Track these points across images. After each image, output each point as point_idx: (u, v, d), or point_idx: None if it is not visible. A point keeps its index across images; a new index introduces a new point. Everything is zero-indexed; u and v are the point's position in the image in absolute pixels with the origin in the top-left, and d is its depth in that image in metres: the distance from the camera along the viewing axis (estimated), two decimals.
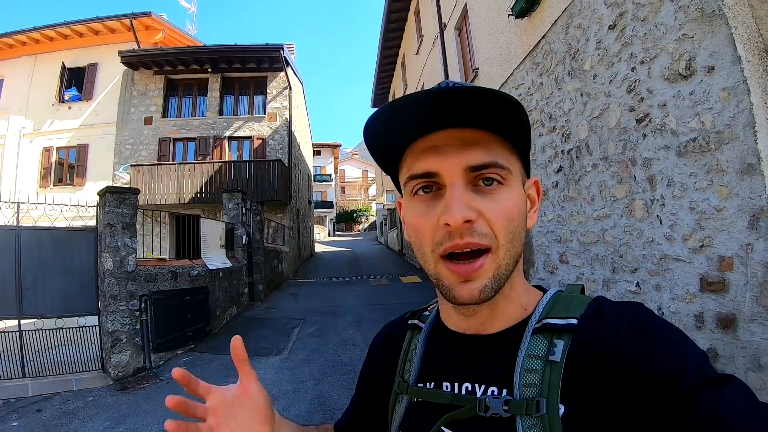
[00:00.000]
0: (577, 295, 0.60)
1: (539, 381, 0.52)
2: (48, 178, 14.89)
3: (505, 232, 0.54)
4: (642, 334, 0.50)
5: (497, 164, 0.54)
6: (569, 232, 5.32)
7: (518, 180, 0.58)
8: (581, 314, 0.55)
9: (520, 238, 0.56)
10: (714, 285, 3.03)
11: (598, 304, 0.57)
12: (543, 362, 0.53)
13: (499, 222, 0.53)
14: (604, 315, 0.54)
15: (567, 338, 0.54)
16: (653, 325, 0.51)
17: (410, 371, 0.66)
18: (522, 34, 6.34)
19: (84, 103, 15.19)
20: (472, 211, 0.52)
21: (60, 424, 4.50)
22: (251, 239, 10.78)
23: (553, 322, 0.56)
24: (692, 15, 3.09)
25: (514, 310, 0.60)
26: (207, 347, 7.03)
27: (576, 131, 5.02)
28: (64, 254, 6.00)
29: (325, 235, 39.77)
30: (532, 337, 0.56)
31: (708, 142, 3.05)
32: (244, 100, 15.94)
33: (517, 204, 0.56)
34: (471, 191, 0.54)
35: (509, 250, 0.55)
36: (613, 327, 0.52)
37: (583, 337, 0.53)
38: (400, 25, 15.77)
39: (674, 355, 0.47)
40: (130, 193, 6.30)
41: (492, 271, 0.54)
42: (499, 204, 0.54)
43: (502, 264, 0.54)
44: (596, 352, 0.51)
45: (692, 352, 0.48)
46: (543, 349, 0.54)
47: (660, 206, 3.62)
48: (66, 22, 14.86)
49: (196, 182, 13.72)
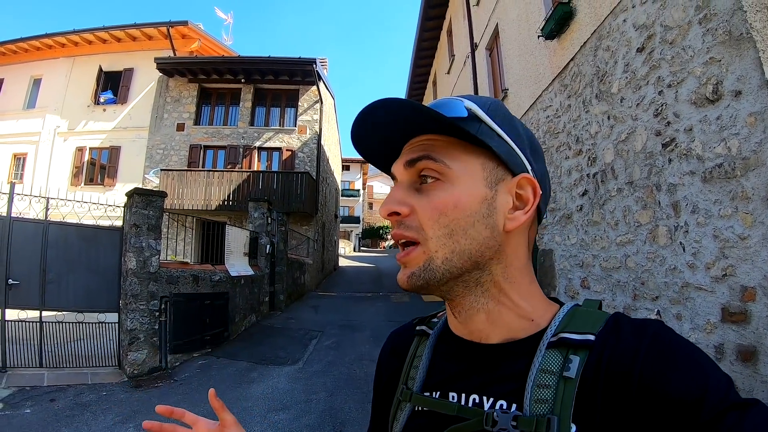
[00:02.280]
0: (595, 311, 0.57)
1: (552, 397, 0.50)
2: (79, 176, 15.33)
3: (435, 225, 0.55)
4: (663, 354, 0.48)
5: (428, 157, 0.56)
6: (592, 257, 5.22)
7: (469, 176, 0.56)
8: (599, 330, 0.53)
9: (468, 234, 0.55)
10: (735, 316, 2.92)
11: (616, 320, 0.54)
12: (557, 378, 0.51)
13: (427, 215, 0.55)
14: (623, 332, 0.52)
15: (583, 354, 0.52)
16: (675, 345, 0.49)
17: (414, 378, 0.65)
18: (551, 56, 6.32)
19: (118, 107, 15.67)
20: (402, 206, 0.56)
21: (72, 415, 4.57)
22: (275, 249, 10.87)
23: (569, 337, 0.53)
24: (720, 38, 3.04)
25: (513, 320, 0.58)
26: (224, 352, 7.08)
27: (602, 155, 4.95)
28: (88, 251, 6.17)
29: (350, 249, 39.89)
30: (547, 352, 0.54)
31: (733, 168, 2.97)
32: (276, 112, 16.20)
33: (456, 199, 0.55)
34: (413, 189, 0.58)
35: (446, 244, 0.55)
36: (633, 345, 0.50)
37: (601, 354, 0.51)
38: (432, 44, 15.89)
39: (697, 378, 0.45)
40: (157, 196, 6.45)
41: (423, 261, 0.55)
42: (430, 199, 0.55)
43: (436, 257, 0.55)
44: (614, 370, 0.49)
45: (716, 374, 0.46)
46: (558, 364, 0.52)
47: (683, 233, 3.54)
48: (105, 27, 15.40)
49: (224, 190, 13.94)
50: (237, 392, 5.34)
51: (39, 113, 15.92)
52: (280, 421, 4.55)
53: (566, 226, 5.97)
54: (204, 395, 5.21)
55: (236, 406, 4.89)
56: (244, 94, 15.85)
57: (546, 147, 6.66)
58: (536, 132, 7.00)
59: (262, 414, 4.72)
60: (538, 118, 6.95)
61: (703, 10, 3.20)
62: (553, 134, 6.40)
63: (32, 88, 16.54)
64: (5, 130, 16.00)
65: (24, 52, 16.48)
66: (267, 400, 5.10)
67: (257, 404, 4.98)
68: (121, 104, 15.68)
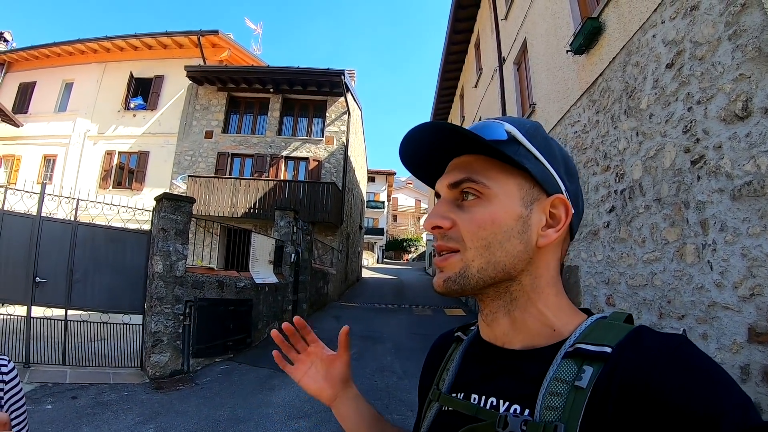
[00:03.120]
0: (620, 323, 0.58)
1: (562, 405, 0.51)
2: (108, 180, 15.73)
3: (474, 237, 0.60)
4: (682, 368, 0.48)
5: (469, 179, 0.61)
6: (618, 274, 5.14)
7: (507, 196, 0.61)
8: (618, 342, 0.54)
9: (503, 247, 0.60)
10: (762, 336, 2.85)
11: (638, 333, 0.55)
12: (569, 387, 0.52)
13: (467, 228, 0.60)
14: (644, 344, 0.52)
15: (598, 366, 0.52)
16: (696, 360, 0.49)
17: (446, 380, 0.69)
18: (580, 71, 6.29)
19: (148, 113, 16.08)
20: (445, 220, 0.62)
21: (93, 413, 4.65)
22: (299, 258, 10.96)
23: (585, 348, 0.54)
24: (750, 54, 3.01)
25: (537, 327, 0.61)
26: (245, 358, 7.15)
27: (630, 171, 4.90)
28: (115, 253, 6.33)
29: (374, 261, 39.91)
30: (563, 361, 0.55)
31: (763, 186, 2.92)
32: (303, 122, 16.41)
33: (493, 215, 0.60)
34: (455, 205, 0.63)
35: (482, 254, 0.59)
36: (653, 357, 0.50)
37: (616, 366, 0.51)
38: (459, 57, 15.92)
39: (717, 395, 0.44)
40: (186, 202, 6.59)
41: (459, 267, 0.60)
42: (471, 214, 0.61)
43: (472, 265, 0.60)
44: (629, 382, 0.49)
45: (736, 394, 0.45)
46: (571, 373, 0.53)
47: (711, 251, 3.47)
48: (136, 34, 15.81)
49: (251, 198, 14.10)
50: (258, 399, 5.39)
51: (70, 116, 16.42)
52: (301, 429, 4.58)
53: (592, 243, 5.90)
54: (226, 400, 5.28)
55: (257, 413, 4.94)
56: (272, 103, 16.10)
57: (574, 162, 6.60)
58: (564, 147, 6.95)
59: (283, 421, 4.76)
60: (566, 134, 6.91)
61: (733, 26, 3.17)
62: (580, 150, 6.35)
63: (64, 92, 17.07)
64: (37, 131, 16.53)
65: (57, 57, 17.01)
66: (287, 408, 5.14)
67: (278, 411, 5.02)
68: (151, 110, 16.09)
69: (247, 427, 4.54)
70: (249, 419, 4.75)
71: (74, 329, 6.05)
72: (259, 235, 9.19)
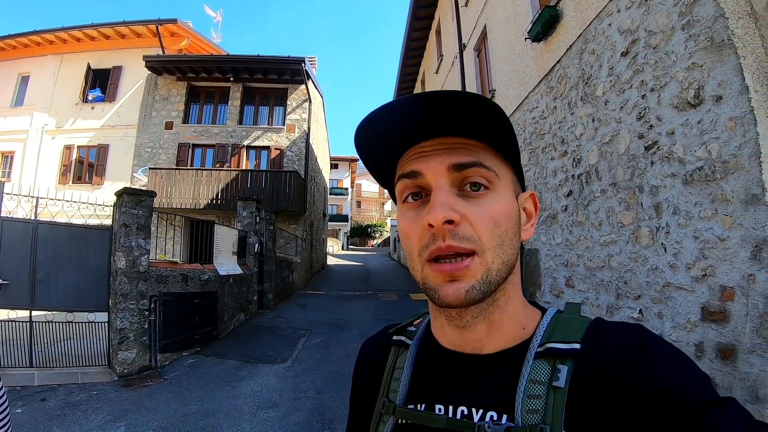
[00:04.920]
0: (577, 317, 0.59)
1: (542, 407, 0.51)
2: (67, 175, 15.19)
3: (491, 236, 0.53)
4: (644, 354, 0.50)
5: (481, 164, 0.54)
6: (576, 257, 5.30)
7: (507, 187, 0.57)
8: (582, 338, 0.54)
9: (511, 245, 0.55)
10: (715, 315, 3.00)
11: (597, 326, 0.56)
12: (546, 388, 0.52)
13: (484, 225, 0.53)
14: (605, 338, 0.53)
15: (570, 363, 0.53)
16: (655, 345, 0.51)
17: (396, 391, 0.63)
18: (538, 58, 6.39)
19: (107, 104, 15.54)
20: (455, 213, 0.52)
21: (63, 415, 4.55)
22: (263, 248, 10.84)
23: (556, 347, 0.54)
24: (702, 44, 3.12)
25: (512, 326, 0.59)
26: (213, 351, 7.07)
27: (587, 156, 5.03)
28: (78, 250, 6.12)
29: (339, 248, 39.85)
30: (535, 362, 0.54)
31: (714, 172, 3.04)
32: (264, 111, 16.18)
33: (506, 209, 0.55)
34: (457, 195, 0.54)
35: (498, 254, 0.53)
36: (615, 349, 0.51)
37: (585, 362, 0.52)
38: (420, 44, 15.92)
39: (676, 375, 0.47)
40: (147, 196, 6.42)
41: (480, 273, 0.52)
42: (485, 208, 0.54)
43: (492, 268, 0.53)
44: (598, 375, 0.51)
45: (694, 372, 0.48)
46: (546, 374, 0.53)
47: (665, 234, 3.61)
48: (93, 24, 15.24)
49: (213, 188, 13.90)
50: (227, 390, 5.34)
51: (27, 111, 15.72)
52: (270, 419, 4.57)
53: (551, 226, 6.05)
54: (194, 393, 5.23)
55: (226, 405, 4.90)
56: (232, 92, 15.80)
57: (532, 148, 6.73)
58: (523, 133, 7.07)
59: (252, 412, 4.74)
60: (525, 120, 7.02)
61: (686, 16, 3.28)
62: (539, 135, 6.47)
63: (20, 86, 16.33)
64: None
65: (12, 50, 16.24)
66: (256, 398, 5.12)
67: (247, 402, 4.99)
68: (110, 102, 15.55)
69: (217, 420, 4.50)
70: (218, 411, 4.71)
71: (40, 330, 5.87)
72: (222, 226, 9.04)
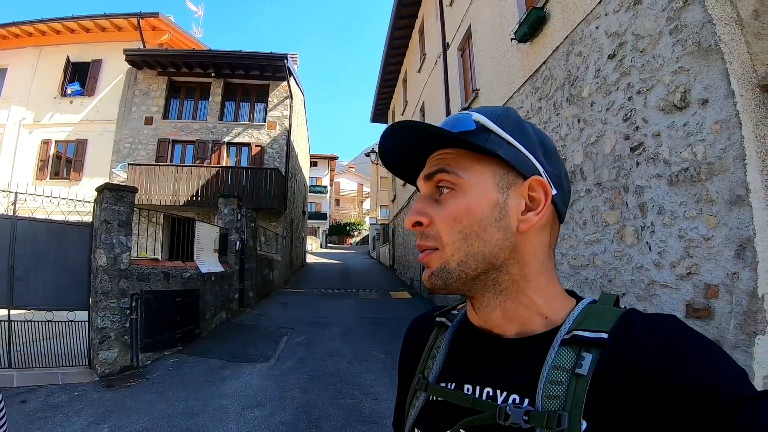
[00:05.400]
0: (610, 308, 0.59)
1: (563, 394, 0.51)
2: (45, 170, 14.84)
3: (450, 232, 0.59)
4: (676, 348, 0.49)
5: (442, 170, 0.62)
6: (560, 255, 5.38)
7: (481, 184, 0.60)
8: (612, 327, 0.54)
9: (481, 237, 0.59)
10: (699, 312, 3.09)
11: (629, 316, 0.55)
12: (569, 375, 0.52)
13: (443, 224, 0.60)
14: (636, 328, 0.53)
15: (596, 352, 0.53)
16: (687, 339, 0.50)
17: (431, 369, 0.67)
18: (523, 59, 6.46)
19: (86, 99, 15.21)
20: (423, 216, 0.61)
21: (44, 417, 4.46)
22: (244, 246, 10.76)
23: (582, 335, 0.54)
24: (689, 49, 3.20)
25: (529, 315, 0.61)
26: (195, 350, 7.01)
27: (571, 156, 5.11)
28: (58, 247, 5.99)
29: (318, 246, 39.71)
30: (560, 349, 0.55)
31: (699, 173, 3.13)
32: (245, 107, 16.05)
33: (467, 206, 0.59)
34: (433, 200, 0.63)
35: (460, 248, 0.59)
36: (645, 341, 0.51)
37: (613, 351, 0.52)
38: (403, 43, 15.95)
39: (711, 370, 0.46)
40: (128, 192, 6.32)
41: (438, 264, 0.60)
42: (445, 208, 0.60)
43: (451, 260, 0.59)
44: (627, 367, 0.50)
45: (729, 366, 0.47)
46: (570, 361, 0.53)
47: (650, 233, 3.70)
48: (74, 17, 14.91)
49: (193, 185, 13.74)
50: (211, 390, 5.30)
51: (4, 104, 15.28)
52: (256, 419, 4.55)
53: None
54: (178, 394, 5.17)
55: (211, 405, 4.86)
56: (213, 88, 15.64)
57: None
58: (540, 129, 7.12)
59: (238, 412, 4.71)
60: None
61: (674, 21, 3.36)
62: None
63: None
64: None
65: None
66: (241, 398, 5.09)
67: (232, 402, 4.96)
68: (89, 96, 15.22)
69: (202, 420, 4.46)
70: (204, 412, 4.67)
71: (19, 330, 5.72)
72: (203, 223, 8.95)
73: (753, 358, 2.63)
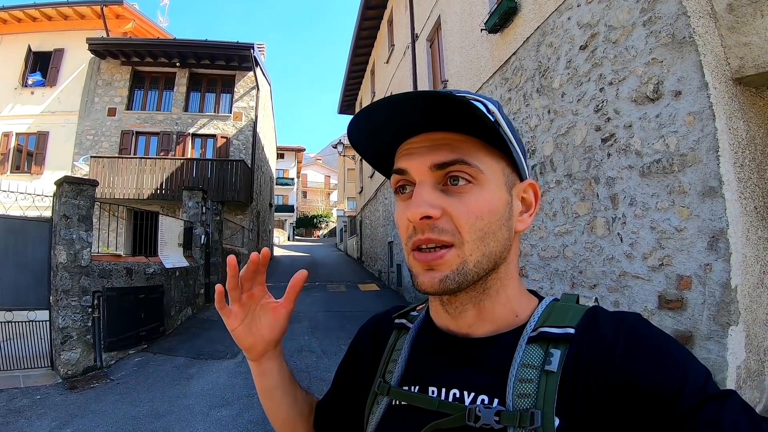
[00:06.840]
0: (573, 305, 0.59)
1: (534, 392, 0.50)
2: (5, 164, 14.22)
3: (471, 230, 0.54)
4: (641, 348, 0.49)
5: (462, 161, 0.55)
6: (530, 246, 5.40)
7: (496, 180, 0.57)
8: (578, 323, 0.54)
9: (494, 237, 0.56)
10: (672, 303, 3.11)
11: (594, 313, 0.55)
12: (539, 372, 0.52)
13: (463, 219, 0.54)
14: (602, 326, 0.53)
15: (564, 348, 0.52)
16: (653, 339, 0.50)
17: (392, 372, 0.64)
18: (493, 49, 6.43)
19: (47, 89, 14.60)
20: (434, 209, 0.54)
21: (5, 423, 4.28)
22: (210, 239, 10.54)
23: (549, 331, 0.54)
24: (663, 40, 3.20)
25: (504, 314, 0.59)
26: (160, 348, 6.81)
27: (541, 147, 5.11)
28: (16, 244, 5.73)
29: (285, 239, 39.31)
30: (528, 346, 0.54)
31: (671, 164, 3.14)
32: (211, 98, 15.71)
33: (489, 203, 0.55)
34: (439, 190, 0.55)
35: (478, 247, 0.55)
36: (612, 339, 0.51)
37: (580, 347, 0.52)
38: (372, 33, 15.81)
39: (675, 371, 0.46)
40: (88, 185, 6.08)
41: (456, 264, 0.54)
42: (465, 202, 0.55)
43: (469, 260, 0.54)
44: (594, 364, 0.50)
45: (693, 366, 0.47)
46: (539, 358, 0.53)
47: (621, 224, 3.72)
48: (35, 4, 14.27)
49: (157, 178, 13.41)
50: (177, 389, 5.14)
51: None
52: (224, 418, 4.42)
53: None
54: (143, 394, 5.00)
55: (177, 405, 4.71)
56: (178, 78, 15.23)
57: None
58: None
59: (205, 411, 4.57)
60: None
61: (648, 12, 3.35)
62: None
63: None
64: None
65: None
66: (208, 397, 4.95)
67: (198, 401, 4.82)
68: (50, 87, 14.59)
69: (168, 422, 4.31)
70: (170, 413, 4.52)
71: None
72: (168, 217, 8.69)
73: (726, 348, 2.66)
